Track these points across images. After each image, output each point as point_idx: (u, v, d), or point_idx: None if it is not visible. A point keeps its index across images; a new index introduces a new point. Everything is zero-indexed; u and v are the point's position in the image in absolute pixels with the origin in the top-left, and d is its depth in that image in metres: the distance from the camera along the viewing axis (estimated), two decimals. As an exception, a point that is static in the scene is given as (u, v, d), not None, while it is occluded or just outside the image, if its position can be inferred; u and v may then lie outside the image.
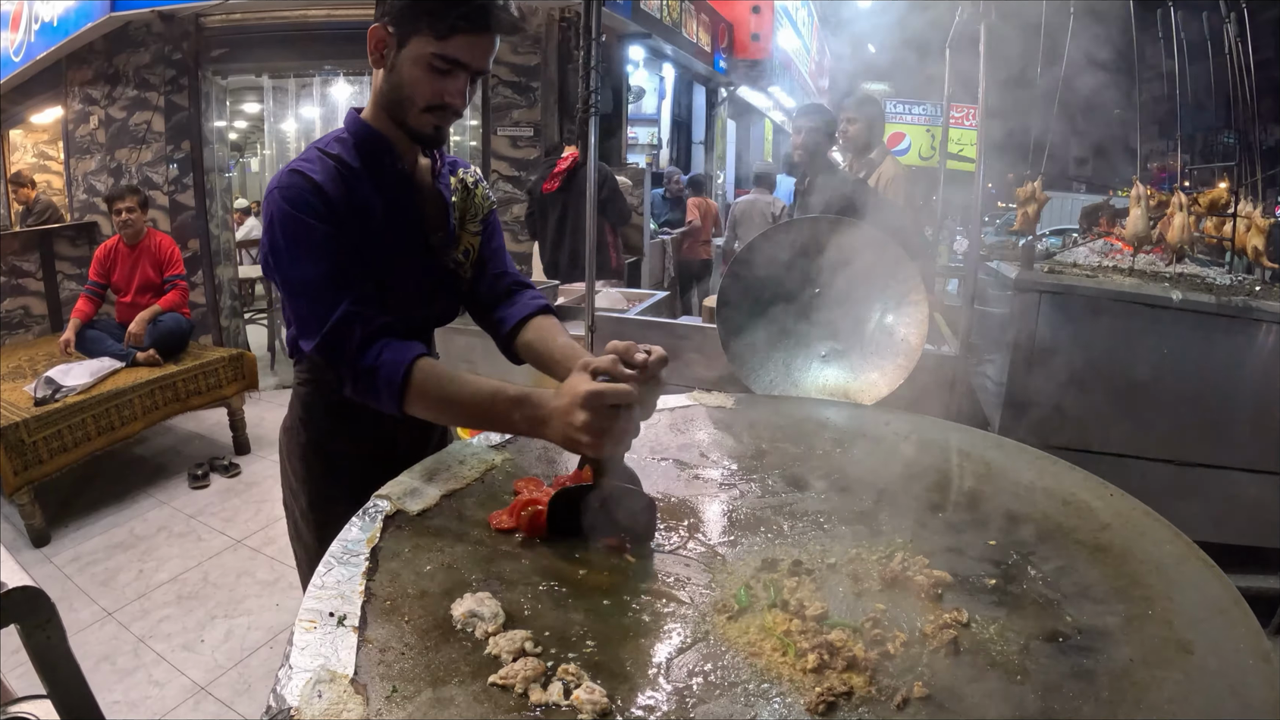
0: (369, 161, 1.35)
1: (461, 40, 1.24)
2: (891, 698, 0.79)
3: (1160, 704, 0.78)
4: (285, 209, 1.25)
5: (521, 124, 6.09)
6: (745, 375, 2.01)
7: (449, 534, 1.10)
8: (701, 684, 0.83)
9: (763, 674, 0.84)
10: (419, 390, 1.21)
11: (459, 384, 1.21)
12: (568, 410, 1.08)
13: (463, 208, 1.54)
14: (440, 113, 1.31)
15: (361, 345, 1.23)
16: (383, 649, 0.83)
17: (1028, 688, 0.81)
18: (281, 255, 1.27)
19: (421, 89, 1.27)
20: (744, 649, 0.88)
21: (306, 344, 1.27)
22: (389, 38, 1.26)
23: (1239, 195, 3.48)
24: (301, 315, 1.27)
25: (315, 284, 1.25)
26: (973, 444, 1.51)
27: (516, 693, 0.79)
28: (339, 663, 0.79)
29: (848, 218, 2.16)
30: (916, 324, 2.03)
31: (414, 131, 1.33)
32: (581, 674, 0.82)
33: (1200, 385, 2.75)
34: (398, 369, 1.21)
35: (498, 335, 1.58)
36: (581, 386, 1.08)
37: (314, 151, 1.33)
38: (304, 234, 1.25)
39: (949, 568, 1.04)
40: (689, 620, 0.94)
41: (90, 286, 4.63)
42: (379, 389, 1.22)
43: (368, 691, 0.76)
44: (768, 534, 1.16)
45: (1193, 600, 0.95)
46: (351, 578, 0.95)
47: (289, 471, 1.58)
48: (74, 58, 6.71)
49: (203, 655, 2.79)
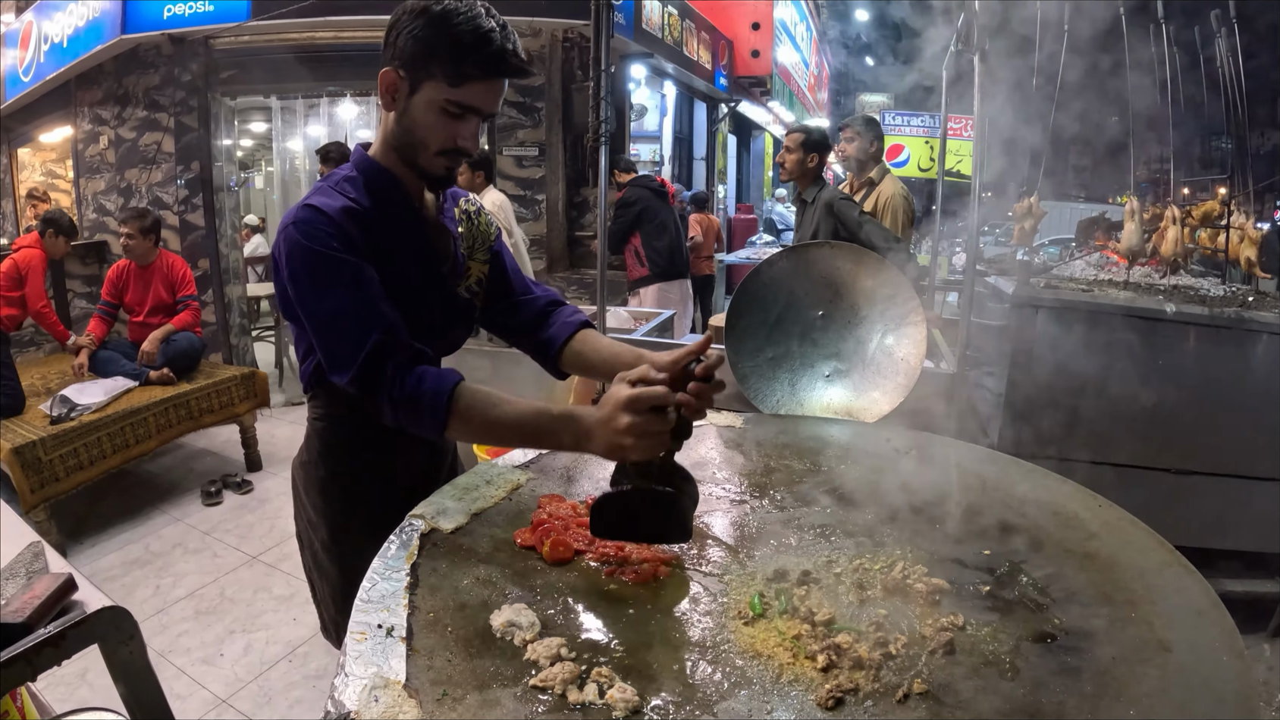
0: (380, 200, 1.36)
1: (474, 86, 1.26)
2: (894, 693, 0.87)
3: (1139, 698, 0.84)
4: (304, 244, 1.25)
5: (527, 144, 6.19)
6: (753, 395, 2.08)
7: (481, 550, 1.18)
8: (722, 683, 0.90)
9: (777, 674, 0.92)
10: (463, 415, 1.22)
11: (503, 407, 1.22)
12: (610, 417, 1.11)
13: (469, 238, 1.55)
14: (453, 156, 1.33)
15: (397, 374, 1.23)
16: (430, 657, 0.91)
17: (1017, 684, 0.89)
18: (304, 290, 1.27)
19: (435, 133, 1.30)
20: (759, 652, 0.96)
21: (339, 377, 1.26)
22: (400, 82, 1.28)
23: (1232, 207, 3.56)
24: (332, 349, 1.27)
25: (342, 317, 1.25)
26: (969, 459, 1.58)
27: (555, 694, 0.87)
28: (391, 670, 0.87)
29: (850, 244, 2.24)
30: (915, 344, 2.10)
31: (426, 173, 1.36)
32: (613, 675, 0.89)
33: (1196, 395, 2.80)
34: (440, 396, 1.21)
35: (544, 356, 1.60)
36: (621, 393, 1.12)
37: (325, 188, 1.35)
38: (325, 267, 1.25)
39: (946, 576, 1.11)
40: (708, 626, 1.02)
41: (103, 307, 4.70)
42: (421, 416, 1.22)
43: (420, 695, 0.83)
44: (777, 546, 1.24)
45: (1173, 603, 1.01)
46: (395, 592, 1.02)
47: (307, 505, 1.57)
48: (83, 78, 6.82)
49: (222, 669, 2.86)
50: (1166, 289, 3.22)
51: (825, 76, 20.42)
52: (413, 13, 1.26)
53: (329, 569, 1.56)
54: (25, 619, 1.00)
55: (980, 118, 2.67)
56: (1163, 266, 3.45)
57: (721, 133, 12.41)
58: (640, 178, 5.82)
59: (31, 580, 1.10)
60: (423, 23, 1.24)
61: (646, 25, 7.48)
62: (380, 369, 1.23)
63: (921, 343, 2.09)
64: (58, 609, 1.05)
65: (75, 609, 1.06)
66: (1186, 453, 2.86)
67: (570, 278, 6.41)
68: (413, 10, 1.26)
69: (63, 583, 1.07)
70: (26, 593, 1.05)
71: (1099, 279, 3.49)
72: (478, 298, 1.57)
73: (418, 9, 1.25)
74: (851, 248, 2.18)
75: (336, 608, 1.56)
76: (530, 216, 6.28)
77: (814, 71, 17.79)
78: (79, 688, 2.59)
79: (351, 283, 1.26)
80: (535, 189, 6.28)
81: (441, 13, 1.23)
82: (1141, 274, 3.48)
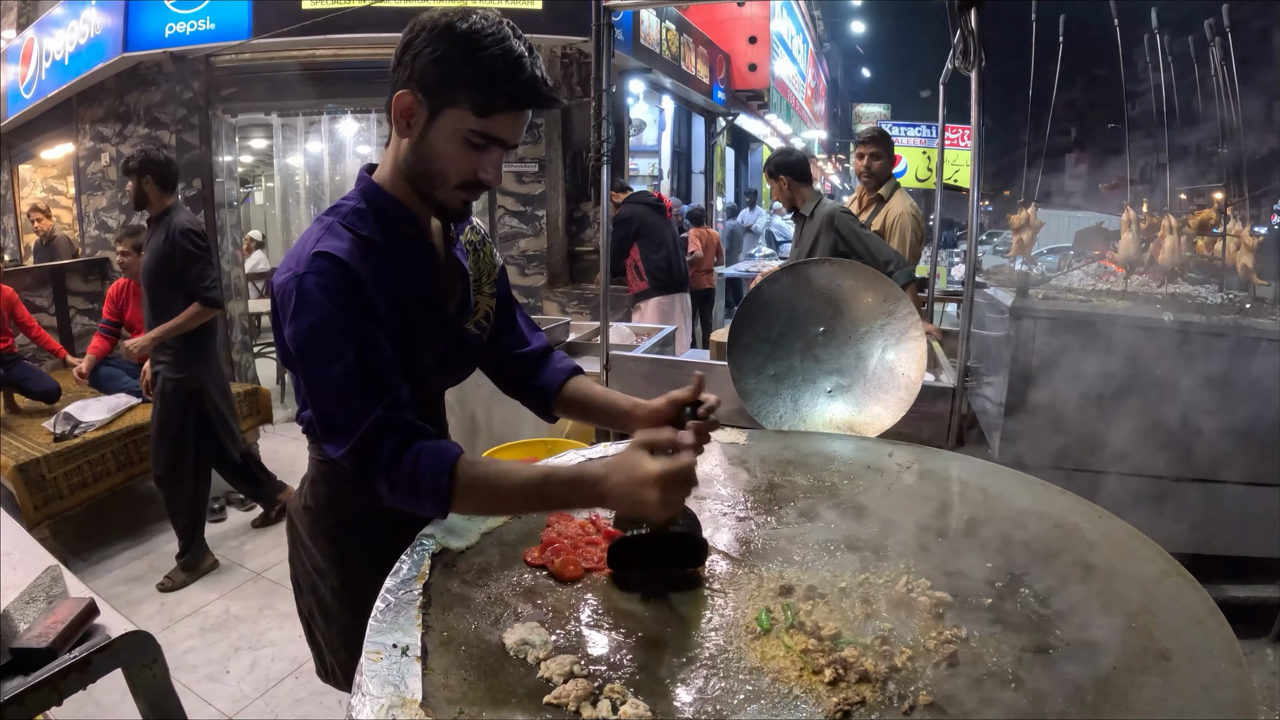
0: (389, 232, 1.27)
1: (503, 118, 1.17)
2: (900, 705, 0.89)
3: (1141, 706, 0.86)
4: (316, 298, 1.16)
5: (526, 159, 6.24)
6: (755, 411, 2.10)
7: (492, 570, 1.19)
8: (732, 697, 0.92)
9: (785, 688, 0.94)
10: (465, 491, 1.15)
11: (506, 477, 1.17)
12: (638, 489, 1.08)
13: (475, 270, 1.47)
14: (473, 188, 1.24)
15: (394, 454, 1.16)
16: (445, 675, 0.92)
17: (1020, 694, 0.90)
18: (307, 348, 1.18)
19: (457, 165, 1.20)
20: (767, 666, 0.97)
21: (334, 449, 1.19)
22: (419, 107, 1.17)
23: (1228, 214, 3.58)
24: (329, 417, 1.19)
25: (343, 384, 1.16)
26: (970, 473, 1.59)
27: (570, 710, 0.88)
28: (407, 689, 0.88)
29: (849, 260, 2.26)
30: (915, 359, 2.11)
31: (442, 206, 1.26)
32: (625, 692, 0.91)
33: (1195, 403, 2.81)
34: (440, 475, 1.15)
35: (537, 402, 1.58)
36: (650, 468, 1.07)
37: (335, 226, 1.24)
38: (333, 328, 1.16)
39: (949, 589, 1.13)
40: (716, 642, 1.03)
41: (105, 325, 4.70)
42: (421, 495, 1.16)
43: (437, 714, 0.85)
44: (783, 561, 1.25)
45: (1172, 612, 1.03)
46: (408, 611, 1.04)
47: (312, 552, 1.48)
48: (85, 95, 6.87)
49: (229, 686, 2.87)
50: (1164, 298, 3.24)
51: (822, 88, 20.53)
52: (433, 31, 1.14)
53: (338, 614, 1.48)
54: (49, 644, 1.02)
55: (978, 130, 2.69)
56: (1160, 275, 3.47)
57: (720, 146, 12.48)
58: (635, 194, 5.86)
59: (53, 605, 1.12)
60: (446, 44, 1.13)
61: (645, 40, 7.54)
62: (378, 448, 1.16)
63: (922, 357, 2.11)
64: (80, 634, 1.07)
65: (97, 634, 1.07)
66: (1187, 460, 2.87)
67: (571, 293, 6.44)
68: (433, 28, 1.15)
69: (85, 607, 1.09)
70: (49, 617, 1.07)
71: (1097, 289, 3.50)
72: (486, 333, 1.51)
73: (439, 27, 1.14)
74: (851, 264, 2.21)
75: (348, 653, 1.46)
76: (530, 232, 6.32)
77: (810, 83, 17.90)
78: (85, 704, 2.59)
79: (358, 348, 1.17)
80: (535, 205, 6.31)
81: (468, 33, 1.13)
82: (1139, 283, 3.50)
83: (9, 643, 1.05)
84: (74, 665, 1.01)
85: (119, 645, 1.05)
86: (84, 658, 1.02)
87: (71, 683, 1.01)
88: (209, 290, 3.56)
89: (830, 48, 23.54)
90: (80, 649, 1.04)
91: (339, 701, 2.76)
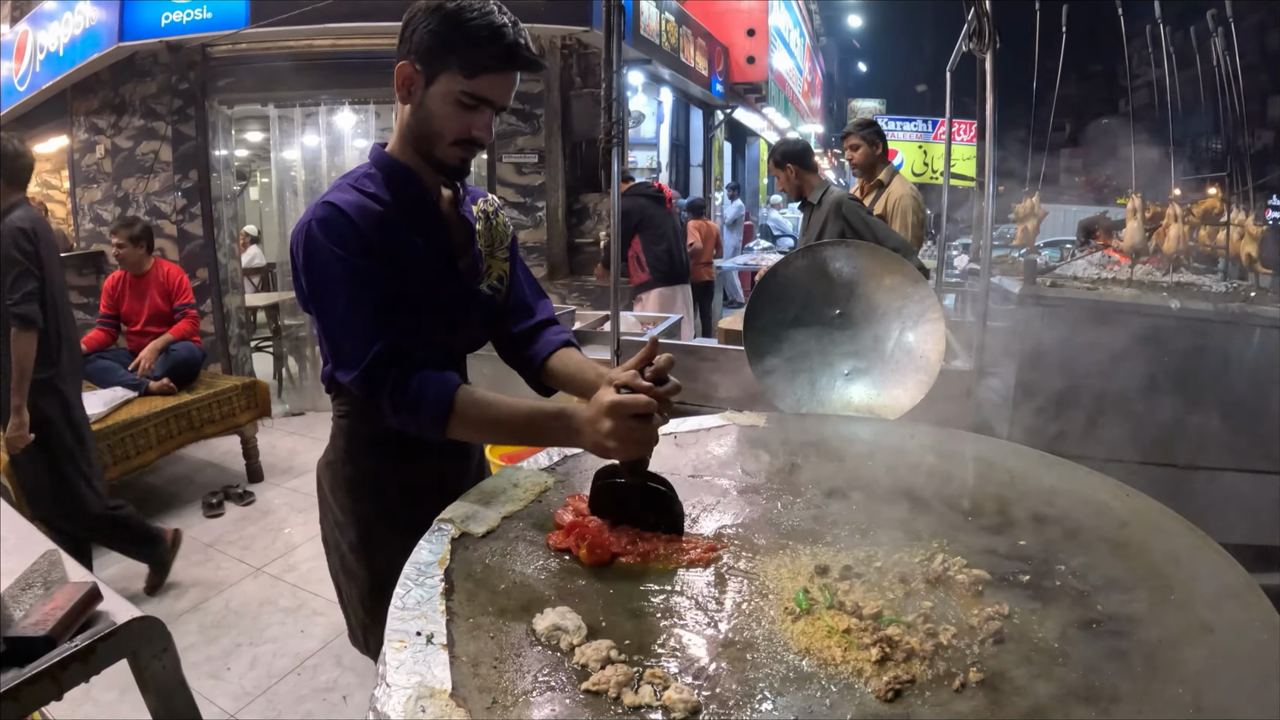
0: (398, 194, 1.41)
1: (488, 79, 1.32)
2: (950, 683, 0.86)
3: (1189, 677, 0.85)
4: (322, 242, 1.30)
5: (526, 150, 6.17)
6: (773, 394, 2.06)
7: (515, 554, 1.14)
8: (777, 679, 0.88)
9: (831, 668, 0.90)
10: (462, 416, 1.28)
11: (499, 406, 1.29)
12: (595, 419, 1.18)
13: (488, 236, 1.59)
14: (467, 146, 1.38)
15: (400, 379, 1.28)
16: (474, 664, 0.87)
17: (1069, 669, 0.88)
18: (319, 288, 1.33)
19: (450, 124, 1.34)
20: (810, 647, 0.94)
21: (344, 376, 1.32)
22: (416, 75, 1.33)
23: (1231, 204, 3.57)
24: (339, 348, 1.33)
25: (353, 318, 1.30)
26: (994, 453, 1.57)
27: (610, 697, 0.83)
28: (434, 679, 0.83)
29: (865, 243, 2.23)
30: (934, 341, 2.08)
31: (442, 164, 1.40)
32: (667, 676, 0.86)
33: (1202, 390, 2.81)
34: (442, 398, 1.27)
35: (527, 371, 1.65)
36: (606, 398, 1.18)
37: (345, 185, 1.39)
38: (341, 267, 1.30)
39: (985, 567, 1.10)
40: (755, 624, 0.99)
41: (101, 319, 4.65)
42: (422, 418, 1.28)
43: (469, 704, 0.79)
44: (814, 542, 1.22)
45: (1210, 587, 1.02)
46: (430, 598, 0.98)
47: (333, 507, 1.59)
48: (79, 87, 6.76)
49: (230, 683, 2.81)
50: (1170, 286, 3.24)
51: (818, 83, 20.50)
52: (428, 10, 1.31)
53: (357, 571, 1.56)
54: (48, 632, 0.94)
55: (992, 116, 2.65)
56: (1165, 264, 3.47)
57: (718, 139, 12.43)
58: (636, 185, 5.80)
59: (51, 590, 1.04)
60: (438, 18, 1.29)
61: (644, 31, 7.49)
62: (385, 372, 1.28)
63: (940, 340, 2.08)
64: (82, 621, 0.99)
65: (101, 620, 1.00)
66: (1192, 449, 2.85)
67: (571, 285, 6.38)
68: (428, 8, 1.31)
69: (86, 592, 1.01)
70: (47, 603, 0.99)
71: (1102, 277, 3.51)
72: (499, 294, 1.60)
73: (433, 6, 1.30)
74: (867, 246, 2.18)
75: (366, 611, 1.56)
76: (530, 223, 6.25)
77: (807, 78, 17.85)
78: (83, 703, 2.54)
79: (364, 286, 1.31)
80: (535, 196, 6.25)
81: (456, 9, 1.29)
82: (1143, 272, 3.50)
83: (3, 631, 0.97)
84: (76, 655, 0.93)
85: (125, 632, 0.96)
86: (87, 646, 0.94)
87: (73, 674, 0.92)
88: (19, 305, 2.88)
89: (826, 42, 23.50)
90: (82, 637, 0.96)
91: (343, 698, 2.71)
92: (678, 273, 5.85)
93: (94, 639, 0.94)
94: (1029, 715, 0.81)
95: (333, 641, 3.03)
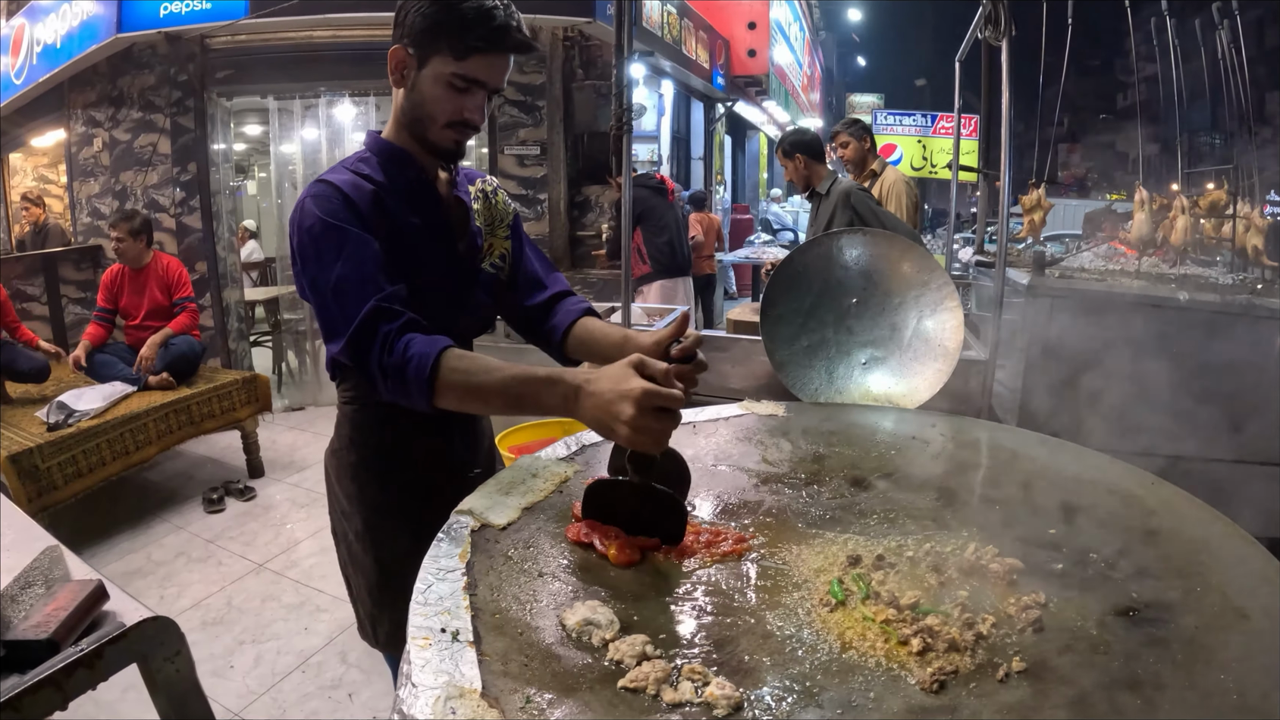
0: (393, 175, 1.40)
1: (479, 60, 1.31)
2: (994, 673, 0.84)
3: (1229, 663, 0.84)
4: (315, 214, 1.28)
5: (528, 142, 6.12)
6: (791, 383, 2.02)
7: (537, 546, 1.09)
8: (819, 672, 0.85)
9: (874, 660, 0.87)
10: (447, 381, 1.19)
11: (487, 370, 1.19)
12: (614, 401, 1.07)
13: (488, 215, 1.58)
14: (460, 128, 1.37)
15: (387, 340, 1.21)
16: (503, 661, 0.82)
17: (1111, 657, 0.87)
18: (310, 261, 1.29)
19: (442, 106, 1.34)
20: (849, 639, 0.91)
21: (333, 346, 1.27)
22: (409, 58, 1.33)
23: (1237, 197, 3.55)
24: (330, 318, 1.28)
25: (343, 286, 1.26)
26: (1017, 442, 1.55)
27: (649, 695, 0.79)
28: (463, 678, 0.78)
29: (882, 230, 2.19)
30: (952, 330, 2.05)
31: (435, 146, 1.39)
32: (707, 672, 0.82)
33: (1209, 382, 2.79)
34: (426, 360, 1.18)
35: (549, 344, 1.60)
36: (634, 383, 1.06)
37: (339, 167, 1.39)
38: (333, 238, 1.27)
39: (1017, 556, 1.08)
40: (792, 616, 0.96)
41: (99, 313, 4.59)
42: (408, 384, 1.20)
43: (501, 704, 0.74)
44: (844, 532, 1.19)
45: (1241, 574, 1.01)
46: (453, 593, 0.93)
47: (340, 495, 1.56)
48: (76, 80, 6.71)
49: (233, 681, 2.76)
50: (1177, 278, 3.23)
51: (817, 77, 20.45)
52: None
53: (363, 561, 1.54)
54: (51, 635, 0.88)
55: (1008, 105, 2.61)
56: (1171, 256, 3.46)
57: (718, 133, 12.38)
58: (638, 176, 5.76)
59: (53, 589, 0.97)
60: (429, 3, 1.29)
61: (647, 23, 7.43)
62: (372, 335, 1.22)
63: (958, 328, 2.04)
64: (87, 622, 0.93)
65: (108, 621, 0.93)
66: (1201, 440, 2.83)
67: (573, 278, 6.34)
68: None
69: (92, 591, 0.95)
70: (49, 604, 0.93)
71: (1109, 269, 3.51)
72: (502, 273, 1.59)
73: None
74: (884, 233, 2.14)
75: (373, 601, 1.55)
76: (532, 216, 6.21)
77: (806, 72, 17.80)
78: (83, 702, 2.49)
79: (354, 253, 1.27)
80: (537, 188, 6.20)
81: None
82: (1150, 264, 3.49)
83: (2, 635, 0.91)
84: (82, 660, 0.86)
85: (135, 634, 0.89)
86: (94, 650, 0.87)
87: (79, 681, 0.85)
88: None
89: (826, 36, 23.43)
90: (88, 640, 0.89)
91: (349, 696, 2.67)
92: (679, 265, 5.80)
93: (101, 642, 0.88)
94: (1075, 704, 0.79)
95: (337, 638, 2.99)
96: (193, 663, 0.95)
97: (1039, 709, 0.78)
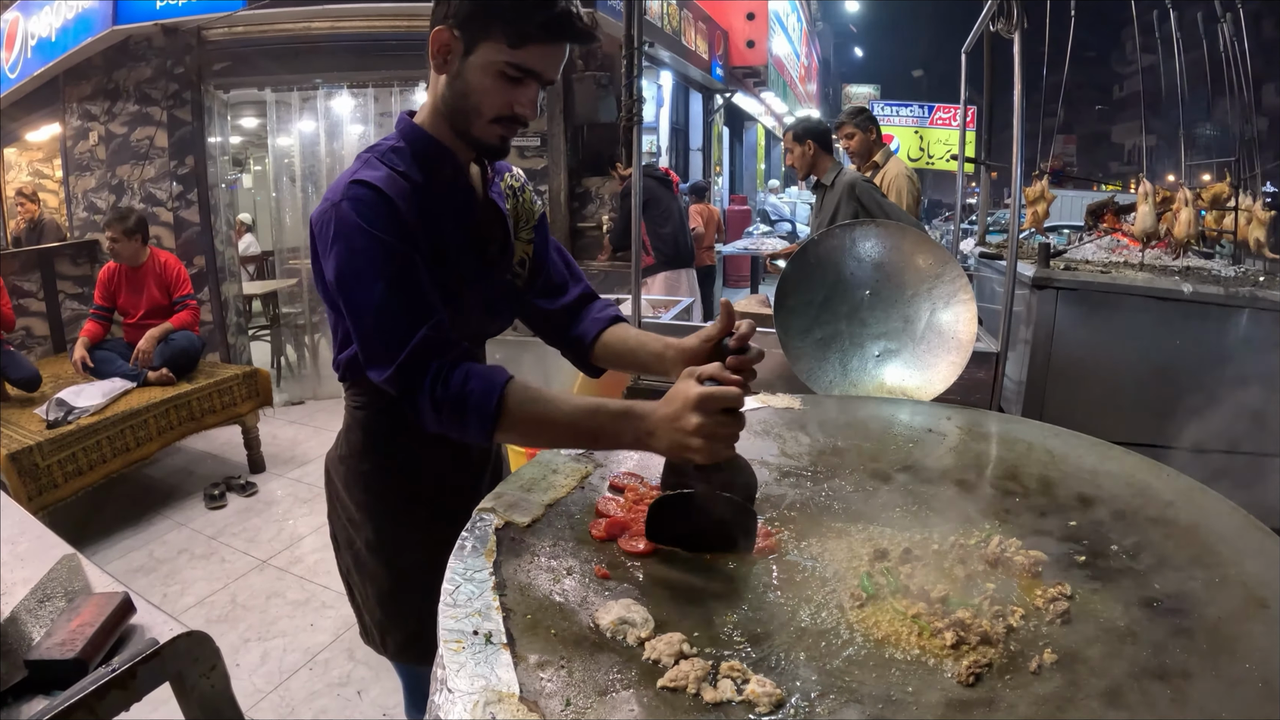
0: (430, 172, 1.28)
1: (537, 49, 1.18)
2: (1027, 665, 0.85)
3: (1252, 653, 0.85)
4: (356, 223, 1.15)
5: (528, 134, 6.07)
6: (805, 376, 2.01)
7: (564, 544, 1.08)
8: (856, 668, 0.85)
9: (908, 654, 0.88)
10: (513, 416, 1.12)
11: (556, 404, 1.13)
12: (678, 415, 1.02)
13: (515, 216, 1.47)
14: (509, 123, 1.24)
15: (439, 375, 1.14)
16: (540, 664, 0.81)
17: (1139, 647, 0.88)
18: (348, 275, 1.17)
19: (491, 98, 1.21)
20: (882, 633, 0.91)
21: (377, 374, 1.17)
22: (454, 42, 1.19)
23: (1239, 189, 3.55)
24: (370, 342, 1.18)
25: (387, 308, 1.15)
26: (1033, 434, 1.55)
27: (689, 694, 0.78)
28: (500, 681, 0.76)
29: (896, 222, 2.18)
30: (965, 322, 2.04)
31: (478, 142, 1.26)
32: (746, 669, 0.82)
33: (1212, 373, 2.81)
34: (490, 396, 1.12)
35: (575, 352, 1.53)
36: (691, 391, 1.02)
37: (372, 160, 1.25)
38: (376, 252, 1.16)
39: (1040, 548, 1.08)
40: (823, 612, 0.96)
41: (96, 310, 4.53)
42: (467, 417, 1.13)
43: (542, 708, 0.73)
44: (868, 525, 1.19)
45: (1260, 563, 1.02)
46: (482, 593, 0.91)
47: (347, 504, 1.47)
48: (72, 73, 6.64)
49: (240, 679, 2.73)
50: (1180, 270, 3.23)
51: (814, 68, 20.39)
52: None
53: (374, 569, 1.46)
54: (78, 653, 0.82)
55: (1020, 97, 2.59)
56: (1174, 248, 3.46)
57: (717, 124, 12.33)
58: (643, 167, 5.72)
59: (75, 603, 0.92)
60: None
61: (647, 14, 7.37)
62: (423, 367, 1.14)
63: (972, 320, 2.03)
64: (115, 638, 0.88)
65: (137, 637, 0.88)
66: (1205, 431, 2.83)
67: (574, 270, 6.31)
68: None
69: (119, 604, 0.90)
70: (73, 619, 0.87)
71: (1113, 261, 3.52)
72: (520, 279, 1.49)
73: None
74: (896, 225, 2.13)
75: (383, 611, 1.47)
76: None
77: (804, 63, 17.74)
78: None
79: (400, 273, 1.17)
80: (537, 180, 6.16)
81: None
82: (1152, 256, 3.49)
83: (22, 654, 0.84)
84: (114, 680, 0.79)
85: (170, 651, 0.84)
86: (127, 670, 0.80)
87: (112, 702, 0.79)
88: None
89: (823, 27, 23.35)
90: (119, 659, 0.82)
91: (358, 693, 2.65)
92: (683, 256, 5.78)
93: (134, 661, 0.82)
94: (1107, 695, 0.80)
95: (344, 635, 2.97)
96: (228, 676, 0.91)
97: (1073, 700, 0.79)
